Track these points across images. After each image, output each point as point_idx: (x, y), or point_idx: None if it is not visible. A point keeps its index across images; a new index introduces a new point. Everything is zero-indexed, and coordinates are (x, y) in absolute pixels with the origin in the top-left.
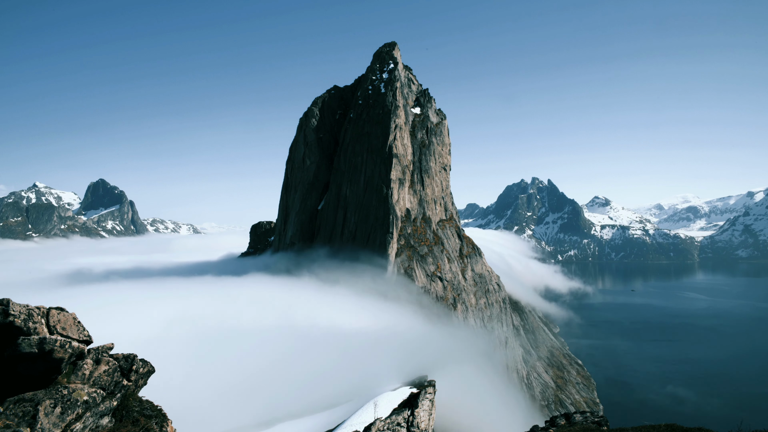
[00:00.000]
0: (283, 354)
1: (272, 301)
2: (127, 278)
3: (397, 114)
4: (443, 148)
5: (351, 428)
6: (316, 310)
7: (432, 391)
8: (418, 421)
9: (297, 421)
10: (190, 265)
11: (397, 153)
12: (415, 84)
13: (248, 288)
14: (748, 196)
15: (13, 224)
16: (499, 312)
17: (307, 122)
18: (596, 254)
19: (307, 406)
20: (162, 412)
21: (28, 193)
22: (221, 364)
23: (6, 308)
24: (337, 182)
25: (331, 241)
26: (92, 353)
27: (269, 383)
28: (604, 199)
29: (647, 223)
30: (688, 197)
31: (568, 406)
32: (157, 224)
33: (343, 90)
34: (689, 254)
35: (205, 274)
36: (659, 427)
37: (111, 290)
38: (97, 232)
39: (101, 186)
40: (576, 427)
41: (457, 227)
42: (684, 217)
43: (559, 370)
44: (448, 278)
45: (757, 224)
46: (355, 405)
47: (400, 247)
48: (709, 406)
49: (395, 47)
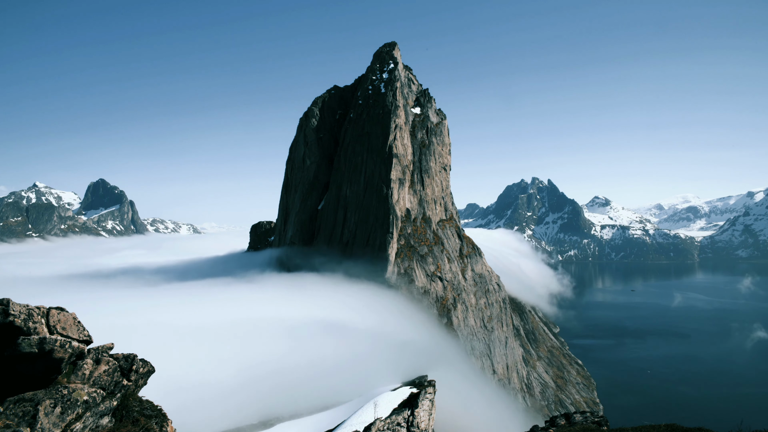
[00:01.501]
0: (283, 354)
1: (272, 302)
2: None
3: (397, 114)
4: (443, 148)
5: (351, 428)
6: (316, 310)
7: (432, 391)
8: (418, 421)
9: (297, 421)
10: (189, 265)
11: (397, 153)
12: (415, 84)
13: (248, 288)
14: (748, 196)
15: (13, 224)
16: (499, 312)
17: (307, 122)
18: (596, 254)
19: (307, 406)
20: (162, 412)
21: (28, 193)
22: (221, 364)
23: (6, 308)
24: (337, 182)
25: (331, 241)
26: (92, 353)
27: (269, 383)
28: (604, 199)
29: (647, 223)
30: (688, 197)
31: (568, 406)
32: (157, 224)
33: (343, 90)
34: (689, 254)
35: (206, 275)
36: (659, 427)
37: (127, 294)
38: (97, 232)
39: (101, 186)
40: (576, 427)
41: (457, 227)
42: (684, 217)
43: (559, 370)
44: (448, 278)
45: (757, 224)
46: (355, 405)
47: (400, 247)
48: (709, 406)
49: (395, 47)
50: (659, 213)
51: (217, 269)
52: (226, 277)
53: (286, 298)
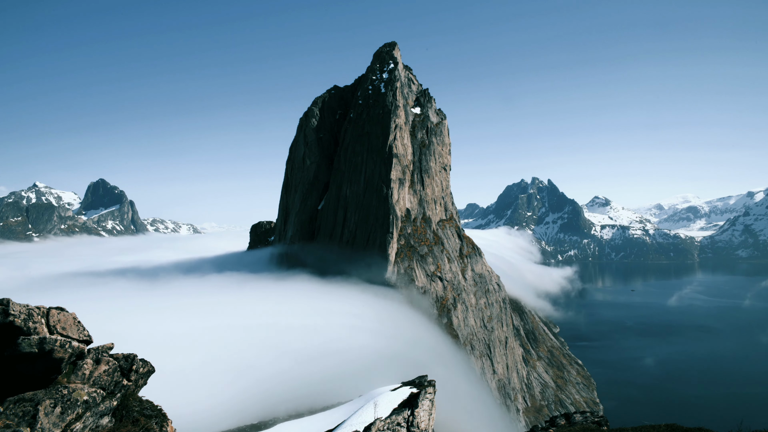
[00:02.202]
0: (283, 354)
1: (271, 302)
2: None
3: (397, 114)
4: (443, 148)
5: (351, 428)
6: (316, 309)
7: (432, 391)
8: (418, 421)
9: (297, 421)
10: (189, 265)
11: (397, 153)
12: (415, 84)
13: (248, 289)
14: (748, 196)
15: (13, 224)
16: (499, 312)
17: (307, 122)
18: (596, 254)
19: (307, 406)
20: (162, 412)
21: (28, 193)
22: (221, 364)
23: (6, 308)
24: (337, 182)
25: (331, 240)
26: (92, 353)
27: (269, 383)
28: (604, 199)
29: (647, 223)
30: (688, 197)
31: (568, 406)
32: (157, 224)
33: (343, 90)
34: (689, 254)
35: (206, 275)
36: (659, 427)
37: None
38: (97, 232)
39: (101, 186)
40: (576, 427)
41: (457, 227)
42: (684, 217)
43: (559, 370)
44: (448, 278)
45: (757, 224)
46: (355, 405)
47: (400, 247)
48: (709, 406)
49: (395, 47)
50: (659, 213)
51: (217, 269)
52: (226, 278)
53: (287, 298)
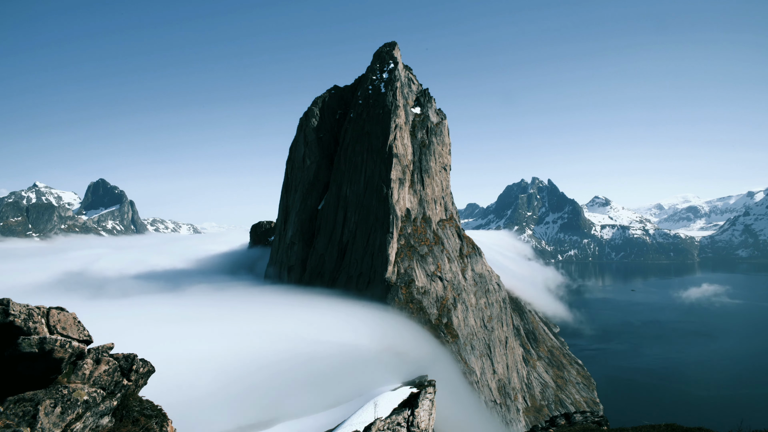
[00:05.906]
0: (283, 354)
1: (271, 302)
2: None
3: (397, 114)
4: (443, 148)
5: (351, 428)
6: (316, 310)
7: (432, 390)
8: (418, 421)
9: (297, 421)
10: (189, 265)
11: (397, 153)
12: (415, 84)
13: (249, 290)
14: (748, 196)
15: (13, 224)
16: (499, 312)
17: (307, 122)
18: (596, 254)
19: (307, 406)
20: (162, 412)
21: (28, 192)
22: (221, 364)
23: (6, 308)
24: (337, 182)
25: (330, 240)
26: (92, 353)
27: (269, 383)
28: (604, 199)
29: (647, 223)
30: (688, 197)
31: (568, 406)
32: (157, 224)
33: (344, 90)
34: (689, 254)
35: (206, 275)
36: (659, 427)
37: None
38: (97, 231)
39: (101, 186)
40: (576, 427)
41: (457, 227)
42: (684, 217)
43: (559, 370)
44: (448, 278)
45: (758, 224)
46: (355, 405)
47: (400, 247)
48: (709, 406)
49: (395, 47)
50: (659, 213)
51: (217, 269)
52: (226, 279)
53: (287, 298)
